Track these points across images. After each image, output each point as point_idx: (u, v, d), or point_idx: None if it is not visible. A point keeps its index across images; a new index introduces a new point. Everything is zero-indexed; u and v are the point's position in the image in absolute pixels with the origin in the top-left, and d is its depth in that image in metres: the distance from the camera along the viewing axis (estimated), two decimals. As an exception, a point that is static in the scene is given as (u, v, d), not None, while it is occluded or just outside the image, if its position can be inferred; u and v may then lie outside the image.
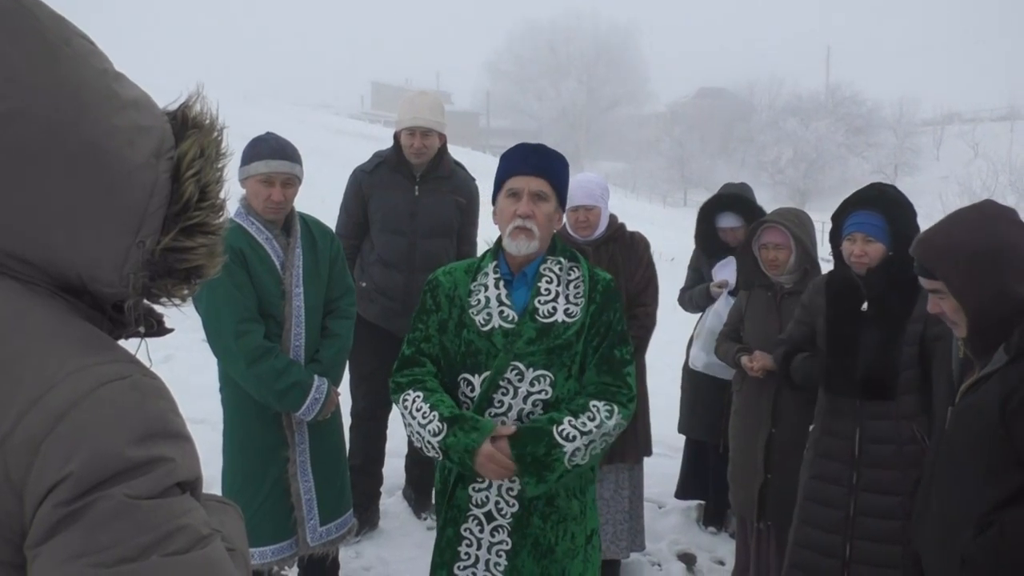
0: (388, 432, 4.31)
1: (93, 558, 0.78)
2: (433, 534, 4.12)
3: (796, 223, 3.41)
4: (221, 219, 1.00)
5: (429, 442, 2.27)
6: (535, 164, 2.32)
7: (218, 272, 1.02)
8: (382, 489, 4.32)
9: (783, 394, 3.37)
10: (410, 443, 4.39)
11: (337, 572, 3.29)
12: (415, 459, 4.40)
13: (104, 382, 0.84)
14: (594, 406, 2.27)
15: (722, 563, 4.14)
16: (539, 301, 2.31)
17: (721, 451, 4.22)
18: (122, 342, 1.00)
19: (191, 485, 0.89)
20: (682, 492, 4.60)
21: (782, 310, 3.47)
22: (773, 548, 3.50)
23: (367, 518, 4.09)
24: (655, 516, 4.56)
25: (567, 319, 2.30)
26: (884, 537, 2.78)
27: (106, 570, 0.78)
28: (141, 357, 0.95)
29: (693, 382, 4.37)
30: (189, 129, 0.98)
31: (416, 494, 4.42)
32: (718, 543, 4.34)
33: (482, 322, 2.31)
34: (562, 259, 2.38)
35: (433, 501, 4.39)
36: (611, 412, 2.27)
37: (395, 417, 4.33)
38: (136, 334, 1.00)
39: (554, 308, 2.31)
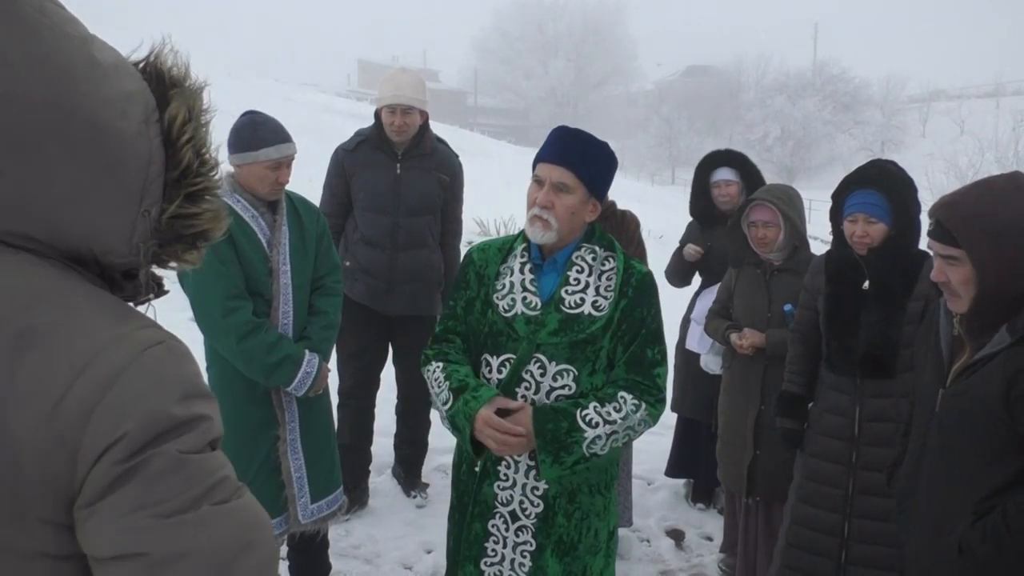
0: (376, 411, 4.31)
1: (152, 510, 0.83)
2: (422, 512, 4.19)
3: (785, 200, 3.41)
4: (218, 177, 1.02)
5: (442, 413, 2.25)
6: (562, 153, 2.20)
7: (225, 234, 1.04)
8: (371, 468, 4.32)
9: (772, 371, 3.38)
10: (398, 422, 4.40)
11: (327, 550, 3.29)
12: (404, 438, 4.40)
13: (145, 347, 0.88)
14: (622, 397, 2.19)
15: (710, 539, 4.18)
16: (566, 291, 2.22)
17: (713, 430, 4.24)
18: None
19: (218, 442, 0.94)
20: (672, 470, 4.58)
21: (771, 287, 3.47)
22: (761, 524, 3.52)
23: (356, 497, 4.09)
24: (644, 493, 4.59)
25: (594, 312, 2.20)
26: (883, 516, 2.76)
27: (163, 520, 0.83)
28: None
29: (686, 360, 4.37)
30: (169, 88, 0.98)
31: (405, 473, 4.42)
32: (706, 519, 4.37)
33: (505, 308, 2.24)
34: (597, 248, 2.28)
35: (422, 479, 4.43)
36: (638, 406, 2.20)
37: (382, 396, 4.33)
38: (145, 300, 1.03)
39: (582, 299, 2.21)
